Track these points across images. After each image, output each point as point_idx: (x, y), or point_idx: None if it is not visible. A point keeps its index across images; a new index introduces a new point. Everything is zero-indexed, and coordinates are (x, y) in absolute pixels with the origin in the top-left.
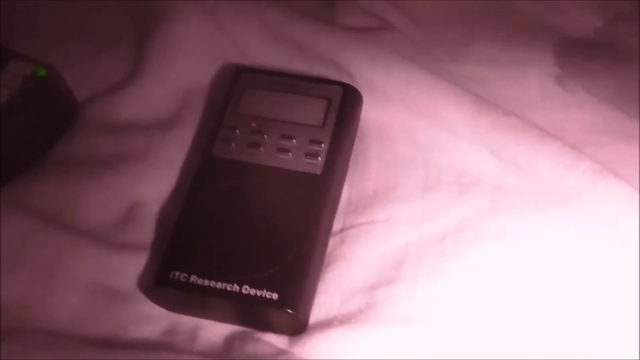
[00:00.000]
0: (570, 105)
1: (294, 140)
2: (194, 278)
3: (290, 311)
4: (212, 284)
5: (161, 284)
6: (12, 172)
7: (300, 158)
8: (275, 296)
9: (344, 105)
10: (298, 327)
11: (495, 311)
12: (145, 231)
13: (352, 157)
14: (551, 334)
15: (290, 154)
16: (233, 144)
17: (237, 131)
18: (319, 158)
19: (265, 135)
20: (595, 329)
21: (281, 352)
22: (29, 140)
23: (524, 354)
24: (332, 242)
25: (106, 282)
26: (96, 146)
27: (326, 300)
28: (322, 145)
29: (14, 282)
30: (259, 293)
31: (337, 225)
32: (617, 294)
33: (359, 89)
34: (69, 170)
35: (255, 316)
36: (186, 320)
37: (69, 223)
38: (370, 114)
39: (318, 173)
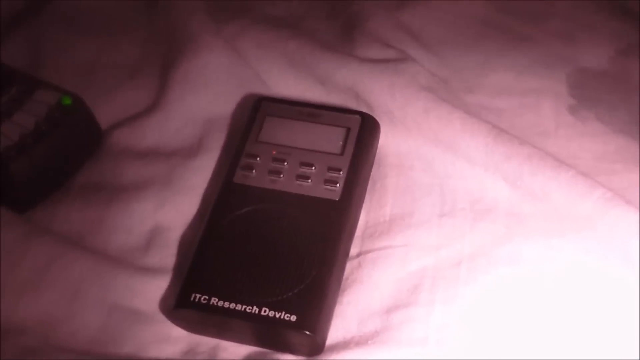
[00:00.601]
0: (583, 134)
1: (313, 168)
2: (214, 300)
3: (308, 333)
4: (232, 306)
5: (182, 305)
6: (38, 197)
7: (320, 185)
8: (293, 318)
9: (362, 133)
10: (316, 349)
11: (509, 334)
12: (167, 255)
13: (370, 184)
14: (563, 357)
15: (309, 180)
16: (254, 171)
17: (258, 158)
18: (338, 185)
19: (285, 163)
20: (606, 354)
21: None
22: (54, 166)
23: None
24: (349, 266)
25: (128, 303)
26: (119, 172)
27: (343, 322)
28: (341, 172)
29: (38, 303)
30: (278, 315)
31: (354, 250)
32: (628, 319)
33: (377, 118)
34: (93, 196)
35: (274, 337)
36: (206, 342)
37: (92, 246)
38: (388, 142)
39: (337, 199)
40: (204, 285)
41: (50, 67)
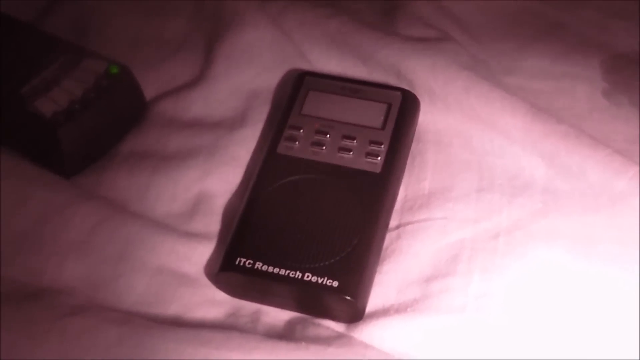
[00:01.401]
0: (616, 117)
1: (355, 141)
2: (258, 264)
3: (349, 298)
4: (276, 270)
5: (227, 269)
6: (84, 163)
7: (361, 157)
8: (335, 284)
9: (403, 109)
10: (356, 315)
11: (545, 305)
12: (212, 221)
13: (410, 158)
14: (598, 328)
15: (351, 153)
16: (297, 143)
17: (302, 131)
18: (379, 158)
19: (328, 135)
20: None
21: (341, 335)
22: (101, 133)
23: (572, 347)
24: (389, 237)
25: (174, 266)
26: (164, 141)
27: (383, 291)
28: (382, 146)
29: (85, 264)
30: (320, 280)
31: (393, 222)
32: None
33: (417, 95)
34: (138, 163)
35: (316, 302)
36: (249, 306)
37: (137, 212)
38: (428, 119)
39: (378, 172)
40: (248, 250)
41: (96, 38)
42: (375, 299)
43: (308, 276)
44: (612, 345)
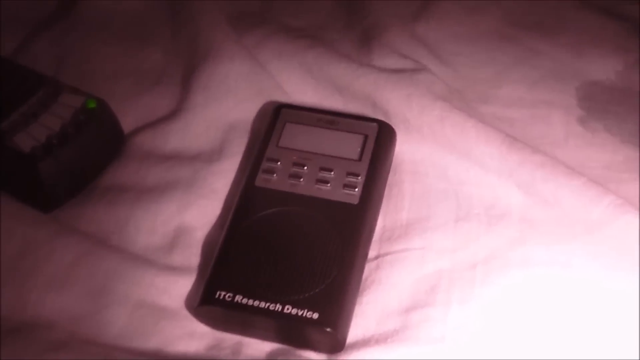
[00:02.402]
0: (592, 144)
1: (332, 172)
2: (238, 297)
3: (329, 330)
4: (256, 303)
5: (207, 302)
6: (63, 197)
7: (339, 189)
8: (315, 316)
9: (380, 140)
10: (336, 346)
11: (522, 335)
12: (191, 254)
13: (387, 189)
14: (577, 355)
15: (329, 185)
16: (275, 175)
17: (279, 163)
18: (356, 189)
19: (305, 167)
20: (615, 355)
21: None
22: (79, 167)
23: None
24: (368, 267)
25: (154, 300)
26: (143, 175)
27: (363, 321)
28: (359, 177)
29: (66, 299)
30: (300, 312)
31: (372, 253)
32: (635, 325)
33: (393, 126)
34: (117, 197)
35: (297, 334)
36: (230, 338)
37: (117, 246)
38: (404, 149)
39: (355, 203)
40: (228, 283)
41: (73, 72)
42: (356, 330)
43: (288, 308)
44: None
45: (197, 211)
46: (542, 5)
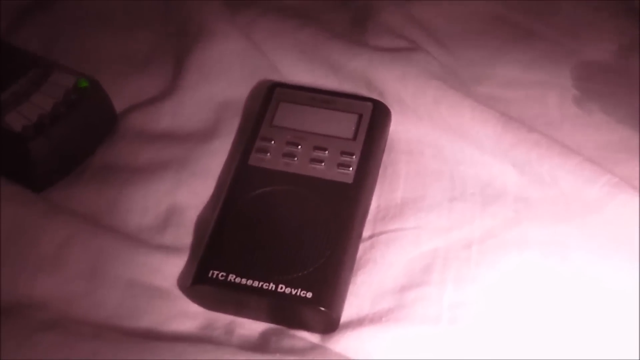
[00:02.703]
0: (588, 124)
1: (326, 152)
2: (231, 277)
3: (323, 309)
4: (250, 282)
5: (200, 281)
6: (55, 176)
7: (333, 168)
8: (309, 295)
9: (374, 119)
10: (330, 325)
11: (518, 313)
12: (183, 234)
13: (382, 169)
14: (569, 336)
15: (323, 164)
16: (269, 154)
17: (273, 142)
18: (351, 168)
19: (299, 146)
20: (611, 335)
21: (315, 346)
22: (71, 146)
23: (548, 354)
24: (362, 247)
25: (146, 280)
26: (135, 154)
27: (357, 301)
28: (354, 156)
29: (57, 279)
30: (294, 292)
31: (367, 232)
32: (630, 308)
33: (388, 106)
34: (109, 177)
35: (290, 314)
36: (223, 318)
37: (108, 226)
38: (399, 129)
39: (349, 182)
40: (221, 262)
41: (64, 53)
42: (350, 309)
43: (282, 287)
44: (589, 350)
45: (190, 191)
46: None
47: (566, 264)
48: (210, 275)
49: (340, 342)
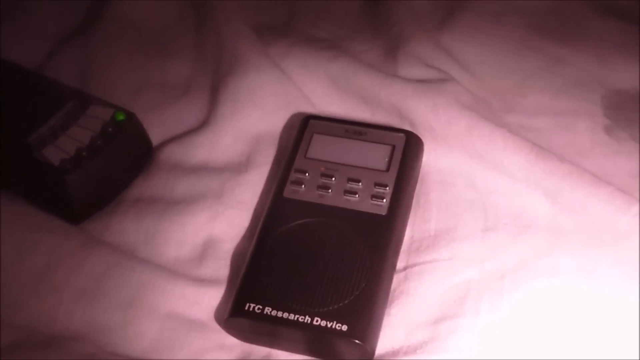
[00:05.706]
0: (618, 153)
1: (360, 183)
2: (267, 310)
3: (358, 342)
4: (285, 315)
5: (237, 314)
6: (92, 209)
7: (367, 200)
8: (344, 328)
9: (407, 151)
10: (366, 357)
11: (551, 343)
12: (220, 266)
13: (415, 199)
14: None
15: (357, 195)
16: (303, 186)
17: (307, 174)
18: (384, 200)
19: (333, 178)
20: None
21: None
22: (108, 179)
23: None
24: (396, 279)
25: (183, 312)
26: (171, 186)
27: (392, 333)
28: (387, 188)
29: (95, 311)
30: (329, 324)
31: (401, 264)
32: None
33: (420, 136)
34: (146, 208)
35: (325, 347)
36: (259, 350)
37: (145, 258)
38: (431, 159)
39: (383, 214)
40: (257, 295)
41: (99, 83)
42: (385, 341)
43: (317, 320)
44: None
45: (226, 222)
46: (565, 13)
47: (598, 293)
48: (246, 308)
49: None
